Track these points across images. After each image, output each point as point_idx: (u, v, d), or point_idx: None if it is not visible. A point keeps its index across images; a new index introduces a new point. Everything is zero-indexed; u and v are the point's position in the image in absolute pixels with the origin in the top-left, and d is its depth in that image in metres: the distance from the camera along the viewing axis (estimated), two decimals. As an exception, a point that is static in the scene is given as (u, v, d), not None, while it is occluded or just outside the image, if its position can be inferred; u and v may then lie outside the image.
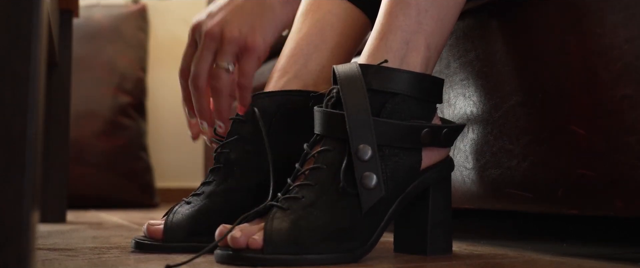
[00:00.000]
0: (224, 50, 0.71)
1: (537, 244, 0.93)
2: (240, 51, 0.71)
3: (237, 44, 0.70)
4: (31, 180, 0.46)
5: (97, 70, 2.12)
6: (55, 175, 1.38)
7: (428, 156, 0.74)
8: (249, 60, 0.72)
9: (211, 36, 0.70)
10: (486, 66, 0.87)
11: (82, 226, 1.24)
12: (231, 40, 0.70)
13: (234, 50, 0.71)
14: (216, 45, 0.71)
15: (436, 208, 0.76)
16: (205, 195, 0.81)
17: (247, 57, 0.71)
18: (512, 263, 0.72)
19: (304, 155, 0.73)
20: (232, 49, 0.71)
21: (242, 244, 0.66)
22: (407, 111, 0.72)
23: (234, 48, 0.71)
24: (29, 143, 0.46)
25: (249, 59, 0.71)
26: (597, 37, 0.74)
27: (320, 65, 0.86)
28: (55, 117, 1.39)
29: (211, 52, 0.71)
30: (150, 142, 2.30)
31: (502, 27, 0.86)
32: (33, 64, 0.46)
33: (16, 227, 0.45)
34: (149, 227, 0.80)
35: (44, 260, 0.71)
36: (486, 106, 0.87)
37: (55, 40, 1.21)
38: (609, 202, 0.72)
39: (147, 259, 0.72)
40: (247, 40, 0.70)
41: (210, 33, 0.70)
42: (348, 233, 0.68)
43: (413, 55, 0.73)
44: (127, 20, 2.24)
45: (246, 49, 0.70)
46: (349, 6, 0.88)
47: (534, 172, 0.80)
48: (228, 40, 0.70)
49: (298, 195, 0.69)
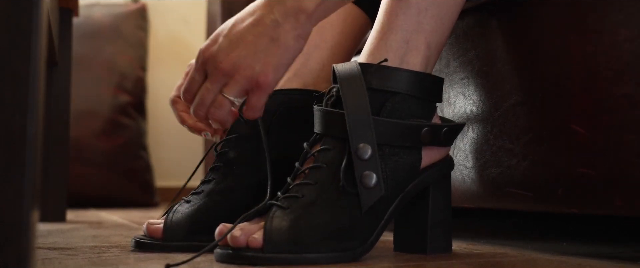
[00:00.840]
0: (234, 84, 0.71)
1: (537, 243, 0.93)
2: (250, 88, 0.71)
3: (249, 82, 0.70)
4: (31, 180, 0.46)
5: (97, 69, 2.12)
6: (55, 175, 1.38)
7: (428, 155, 0.74)
8: (260, 97, 0.72)
9: (225, 72, 0.70)
10: (486, 65, 0.87)
11: (82, 225, 1.24)
12: (244, 78, 0.70)
13: (244, 87, 0.71)
14: (227, 80, 0.71)
15: (436, 208, 0.76)
16: (204, 193, 0.81)
17: (257, 93, 0.72)
18: (512, 262, 0.72)
19: (303, 154, 0.73)
20: (243, 86, 0.71)
21: (242, 243, 0.66)
22: (407, 110, 0.72)
23: (245, 85, 0.71)
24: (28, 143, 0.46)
25: (259, 96, 0.72)
26: (597, 36, 0.74)
27: (320, 64, 0.86)
28: (55, 117, 1.39)
29: (220, 86, 0.72)
30: (150, 141, 2.31)
31: (502, 26, 0.86)
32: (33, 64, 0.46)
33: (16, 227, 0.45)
34: (149, 226, 0.80)
35: (44, 259, 0.71)
36: (486, 105, 0.87)
37: (55, 40, 1.21)
38: (609, 201, 0.72)
39: (147, 258, 0.72)
40: (260, 79, 0.70)
41: (224, 69, 0.70)
42: (348, 232, 0.68)
43: (413, 55, 0.73)
44: (127, 19, 2.23)
45: (258, 86, 0.71)
46: (349, 5, 0.88)
47: (534, 171, 0.80)
48: (241, 77, 0.70)
49: (298, 194, 0.69)
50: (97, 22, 2.19)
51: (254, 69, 0.70)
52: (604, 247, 0.90)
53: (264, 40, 0.70)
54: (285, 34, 0.70)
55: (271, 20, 0.70)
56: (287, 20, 0.70)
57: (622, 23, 0.71)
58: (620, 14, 0.72)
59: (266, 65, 0.70)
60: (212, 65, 0.71)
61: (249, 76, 0.70)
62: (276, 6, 0.70)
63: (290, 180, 0.72)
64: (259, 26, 0.70)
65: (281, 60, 0.70)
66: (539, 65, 0.80)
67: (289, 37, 0.70)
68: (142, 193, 2.11)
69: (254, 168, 0.81)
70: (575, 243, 0.95)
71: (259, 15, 0.70)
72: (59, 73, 1.39)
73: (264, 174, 0.80)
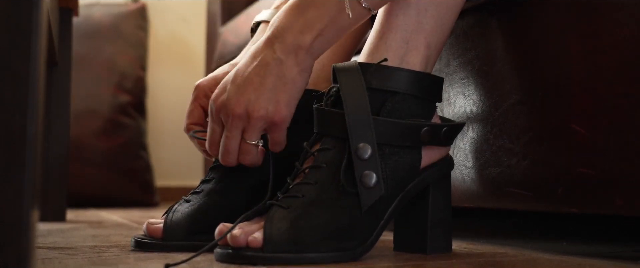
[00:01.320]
0: (251, 128, 0.73)
1: (537, 243, 0.93)
2: (267, 127, 0.72)
3: (265, 122, 0.72)
4: (31, 180, 0.46)
5: (97, 69, 2.12)
6: (55, 174, 1.38)
7: (428, 155, 0.74)
8: (279, 133, 0.74)
9: (239, 117, 0.72)
10: (486, 65, 0.87)
11: (82, 225, 1.24)
12: (259, 119, 0.72)
13: (261, 128, 0.73)
14: (244, 124, 0.73)
15: (436, 207, 0.76)
16: (204, 193, 0.81)
17: (276, 131, 0.74)
18: (511, 262, 0.72)
19: (303, 154, 0.73)
20: (260, 126, 0.73)
21: (242, 243, 0.66)
22: (407, 110, 0.72)
23: (262, 126, 0.73)
24: (28, 143, 0.46)
25: (279, 132, 0.74)
26: (597, 36, 0.74)
27: (320, 63, 0.86)
28: (55, 116, 1.39)
29: (240, 131, 0.74)
30: (150, 140, 2.30)
31: (502, 25, 0.86)
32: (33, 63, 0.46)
33: (16, 226, 0.45)
34: (149, 225, 0.80)
35: (44, 258, 0.71)
36: (486, 105, 0.87)
37: (55, 39, 1.21)
38: (609, 200, 0.72)
39: (146, 258, 0.72)
40: (275, 118, 0.72)
41: (237, 115, 0.72)
42: (348, 232, 0.68)
43: (413, 54, 0.73)
44: (127, 19, 2.23)
45: (274, 124, 0.73)
46: (348, 5, 0.88)
47: (534, 170, 0.80)
48: (256, 119, 0.72)
49: (298, 194, 0.69)
50: (97, 21, 2.19)
51: (267, 109, 0.71)
52: (604, 247, 0.90)
53: (270, 80, 0.71)
54: (289, 70, 0.71)
55: (274, 59, 0.71)
56: (289, 58, 0.71)
57: (622, 23, 0.71)
58: (620, 14, 0.72)
59: (277, 103, 0.71)
60: (225, 114, 0.73)
61: (264, 116, 0.72)
62: (277, 45, 0.71)
63: (290, 179, 0.72)
64: (263, 67, 0.71)
65: (290, 95, 0.72)
66: (539, 65, 0.80)
67: (293, 73, 0.71)
68: (142, 193, 2.11)
69: (254, 168, 0.81)
70: (576, 242, 0.95)
71: (262, 57, 0.72)
72: (59, 73, 1.39)
73: (264, 174, 0.80)
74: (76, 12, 1.44)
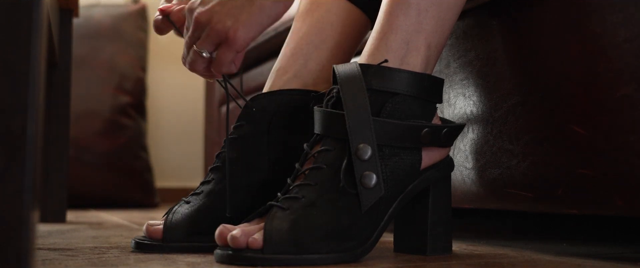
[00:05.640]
0: (205, 37, 0.75)
1: (537, 244, 0.93)
2: (220, 42, 0.73)
3: (218, 35, 0.74)
4: (31, 180, 0.46)
5: (97, 69, 2.12)
6: (55, 175, 1.38)
7: (428, 156, 0.74)
8: (227, 52, 0.75)
9: (198, 24, 0.74)
10: (486, 66, 0.87)
11: (82, 226, 1.24)
12: (215, 31, 0.73)
13: (214, 41, 0.75)
14: (201, 32, 0.74)
15: (436, 208, 0.76)
16: (204, 194, 0.81)
17: (225, 48, 0.75)
18: (512, 263, 0.72)
19: (303, 155, 0.73)
20: (213, 39, 0.74)
21: (242, 244, 0.66)
22: (407, 111, 0.72)
23: (214, 39, 0.74)
24: (28, 143, 0.46)
25: (227, 51, 0.75)
26: (597, 37, 0.74)
27: (320, 64, 0.86)
28: (55, 117, 1.39)
29: (196, 38, 0.75)
30: (150, 141, 2.31)
31: (502, 26, 0.86)
32: (33, 64, 0.46)
33: (16, 227, 0.45)
34: (149, 227, 0.80)
35: (44, 259, 0.71)
36: (486, 106, 0.87)
37: (55, 40, 1.21)
38: (609, 201, 0.72)
39: (147, 259, 0.72)
40: (229, 34, 0.73)
41: (197, 21, 0.74)
42: (348, 233, 0.68)
43: (413, 55, 0.73)
44: (127, 20, 2.24)
45: (226, 41, 0.74)
46: (349, 6, 0.88)
47: (534, 171, 0.80)
48: (212, 30, 0.74)
49: (298, 195, 0.69)
50: (97, 22, 2.19)
51: (225, 24, 0.72)
52: (604, 248, 0.90)
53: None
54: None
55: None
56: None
57: (622, 23, 0.71)
58: (620, 15, 0.72)
59: (237, 21, 0.72)
60: (190, 17, 0.75)
61: (221, 30, 0.73)
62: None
63: (290, 181, 0.72)
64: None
65: (254, 18, 0.73)
66: (539, 66, 0.80)
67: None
68: (142, 193, 2.11)
69: (253, 168, 0.81)
70: (576, 243, 0.94)
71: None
72: (59, 73, 1.39)
73: (263, 175, 0.80)
74: (76, 13, 1.44)
